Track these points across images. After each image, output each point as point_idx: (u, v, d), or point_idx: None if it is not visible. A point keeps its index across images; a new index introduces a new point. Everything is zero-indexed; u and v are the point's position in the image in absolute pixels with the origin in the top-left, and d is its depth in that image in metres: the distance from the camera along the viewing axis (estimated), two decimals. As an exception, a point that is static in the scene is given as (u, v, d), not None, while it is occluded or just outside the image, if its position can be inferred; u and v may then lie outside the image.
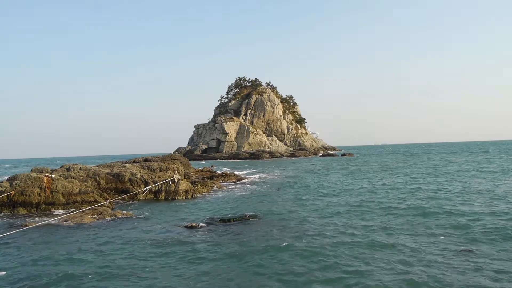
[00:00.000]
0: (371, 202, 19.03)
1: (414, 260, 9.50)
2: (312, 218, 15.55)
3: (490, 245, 10.72)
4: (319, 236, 12.26)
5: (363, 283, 8.09)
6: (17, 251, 11.60)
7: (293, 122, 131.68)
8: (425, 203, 18.17)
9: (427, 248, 10.57)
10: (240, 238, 12.39)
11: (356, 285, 8.04)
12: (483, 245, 10.67)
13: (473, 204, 17.41)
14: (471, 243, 10.98)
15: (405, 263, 9.30)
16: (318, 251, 10.44)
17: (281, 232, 13.12)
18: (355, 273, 8.68)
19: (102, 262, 10.22)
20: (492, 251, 10.12)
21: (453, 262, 9.25)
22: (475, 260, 9.38)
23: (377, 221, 14.36)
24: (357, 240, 11.60)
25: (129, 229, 14.49)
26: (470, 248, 10.38)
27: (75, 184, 21.32)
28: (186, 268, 9.56)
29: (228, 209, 18.68)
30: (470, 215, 14.89)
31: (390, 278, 8.35)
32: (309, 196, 22.66)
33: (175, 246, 11.63)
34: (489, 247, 10.51)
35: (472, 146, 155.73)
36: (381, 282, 8.11)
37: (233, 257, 10.35)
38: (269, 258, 10.09)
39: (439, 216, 14.88)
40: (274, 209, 17.98)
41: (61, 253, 11.21)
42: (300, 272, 8.88)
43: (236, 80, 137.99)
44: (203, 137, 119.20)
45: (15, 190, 19.57)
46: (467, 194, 20.60)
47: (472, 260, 9.39)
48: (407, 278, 8.28)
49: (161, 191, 24.42)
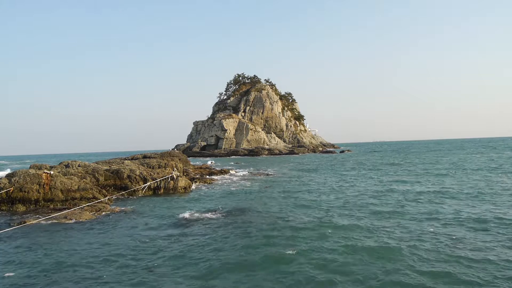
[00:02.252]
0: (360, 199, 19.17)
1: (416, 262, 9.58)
2: (297, 211, 15.96)
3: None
4: (303, 227, 12.37)
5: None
6: (15, 249, 11.57)
7: (292, 119, 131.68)
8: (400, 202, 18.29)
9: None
10: (235, 231, 12.48)
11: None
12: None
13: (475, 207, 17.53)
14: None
15: (398, 265, 9.37)
16: (303, 239, 10.56)
17: (273, 225, 13.24)
18: (339, 262, 8.77)
19: (101, 258, 10.27)
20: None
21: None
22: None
23: (359, 219, 14.47)
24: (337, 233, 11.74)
25: (128, 225, 14.55)
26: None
27: (74, 181, 21.32)
28: (184, 262, 9.62)
29: (224, 204, 18.88)
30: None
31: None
32: (300, 192, 22.94)
33: (173, 239, 11.73)
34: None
35: (466, 143, 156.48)
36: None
37: (229, 248, 10.47)
38: (268, 255, 10.17)
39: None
40: (267, 204, 18.31)
41: (60, 249, 11.23)
42: (286, 260, 9.00)
43: (235, 77, 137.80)
44: (202, 134, 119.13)
45: (14, 187, 19.57)
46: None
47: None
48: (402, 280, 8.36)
49: (160, 188, 24.45)
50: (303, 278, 8.36)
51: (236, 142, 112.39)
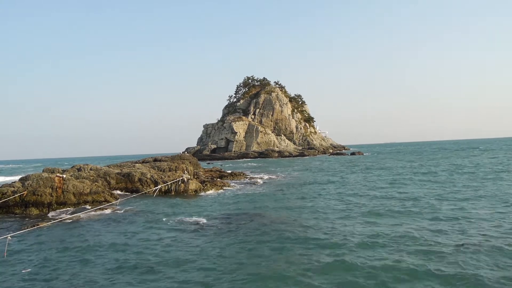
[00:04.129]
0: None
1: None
2: (307, 215, 15.85)
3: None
4: (317, 231, 12.22)
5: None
6: (31, 250, 11.79)
7: (301, 121, 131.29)
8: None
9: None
10: (245, 235, 12.40)
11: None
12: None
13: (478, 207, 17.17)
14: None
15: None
16: (313, 241, 10.44)
17: (285, 228, 13.10)
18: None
19: (114, 258, 10.44)
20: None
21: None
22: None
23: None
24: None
25: (139, 228, 14.60)
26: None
27: (86, 184, 21.51)
28: (194, 263, 9.65)
29: (235, 207, 18.82)
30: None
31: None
32: (311, 195, 22.76)
33: (184, 242, 11.78)
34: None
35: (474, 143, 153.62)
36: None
37: (238, 252, 10.41)
38: (278, 253, 10.06)
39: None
40: (278, 207, 18.30)
41: (74, 251, 11.43)
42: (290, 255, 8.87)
43: (244, 80, 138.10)
44: (212, 137, 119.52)
45: (27, 190, 19.81)
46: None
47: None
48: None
49: (171, 191, 24.53)
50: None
51: (246, 144, 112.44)
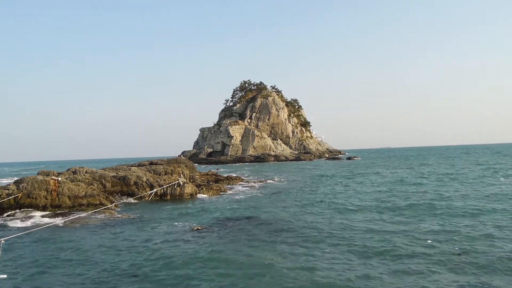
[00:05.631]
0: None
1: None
2: (303, 219, 16.00)
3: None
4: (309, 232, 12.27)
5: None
6: (21, 254, 11.67)
7: (298, 126, 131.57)
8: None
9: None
10: (241, 238, 12.40)
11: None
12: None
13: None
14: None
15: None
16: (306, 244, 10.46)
17: (282, 232, 13.13)
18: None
19: (106, 264, 10.29)
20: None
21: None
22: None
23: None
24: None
25: (133, 231, 14.54)
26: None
27: (81, 187, 21.43)
28: (188, 267, 9.61)
29: (231, 211, 18.84)
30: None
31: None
32: (305, 200, 22.63)
33: (178, 248, 11.70)
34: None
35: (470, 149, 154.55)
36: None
37: (234, 255, 10.38)
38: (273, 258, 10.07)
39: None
40: (274, 211, 18.36)
41: (67, 254, 11.32)
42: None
43: (241, 84, 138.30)
44: (208, 141, 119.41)
45: (22, 193, 19.71)
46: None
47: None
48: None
49: (167, 194, 24.49)
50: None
51: (242, 148, 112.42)
